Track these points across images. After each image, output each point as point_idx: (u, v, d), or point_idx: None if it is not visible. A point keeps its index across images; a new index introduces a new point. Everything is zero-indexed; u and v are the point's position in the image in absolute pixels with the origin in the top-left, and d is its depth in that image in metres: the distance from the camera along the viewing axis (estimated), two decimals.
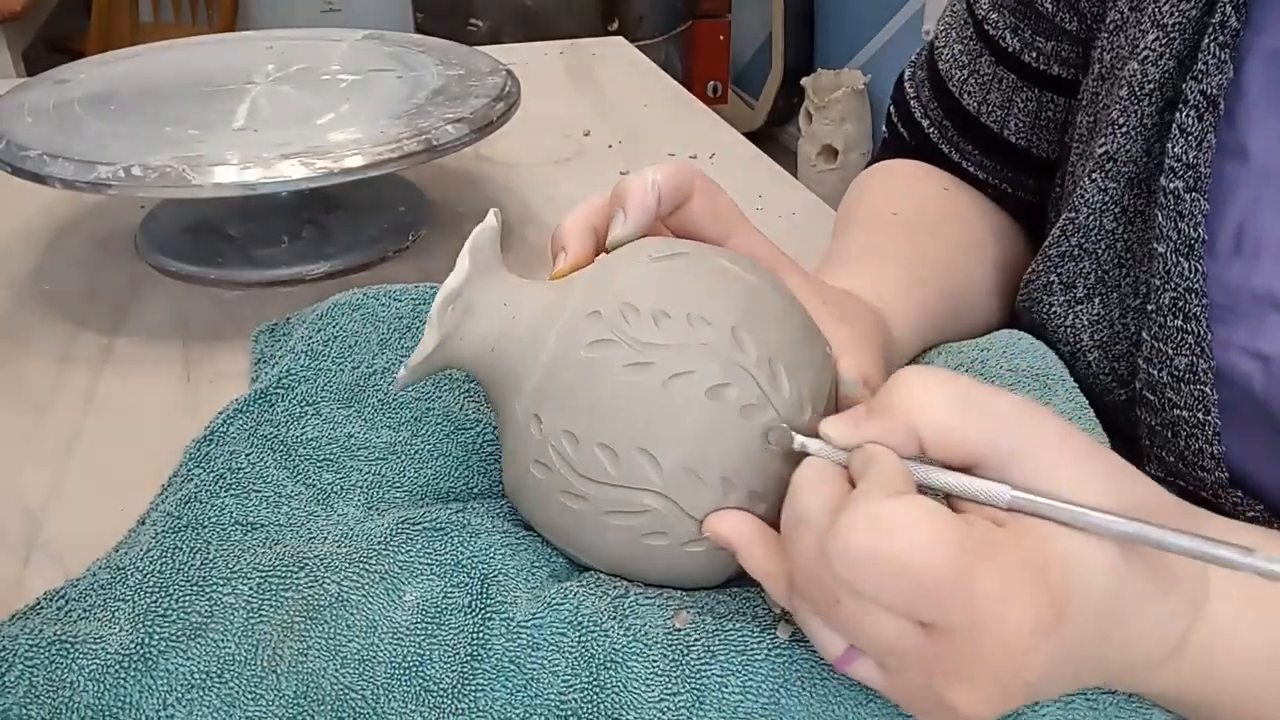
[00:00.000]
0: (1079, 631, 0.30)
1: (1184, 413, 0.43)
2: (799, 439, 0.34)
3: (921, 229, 0.56)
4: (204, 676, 0.36)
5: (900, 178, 0.62)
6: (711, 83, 2.99)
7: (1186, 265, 0.42)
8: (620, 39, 1.20)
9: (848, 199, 0.63)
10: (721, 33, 2.96)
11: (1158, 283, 0.43)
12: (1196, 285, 0.41)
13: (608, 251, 0.41)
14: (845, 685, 0.35)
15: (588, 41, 1.18)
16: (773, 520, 0.35)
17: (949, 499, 0.32)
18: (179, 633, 0.37)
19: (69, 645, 0.36)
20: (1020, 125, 0.56)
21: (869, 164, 0.67)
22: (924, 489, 0.31)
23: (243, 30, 1.59)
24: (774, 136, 3.13)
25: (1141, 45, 0.44)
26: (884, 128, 0.67)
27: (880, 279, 0.50)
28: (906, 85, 0.63)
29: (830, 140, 2.70)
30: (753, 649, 0.36)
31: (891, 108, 0.65)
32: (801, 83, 2.81)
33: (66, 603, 0.39)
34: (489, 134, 0.65)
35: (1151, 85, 0.44)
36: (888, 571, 0.28)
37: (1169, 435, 0.44)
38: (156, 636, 0.37)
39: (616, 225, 0.40)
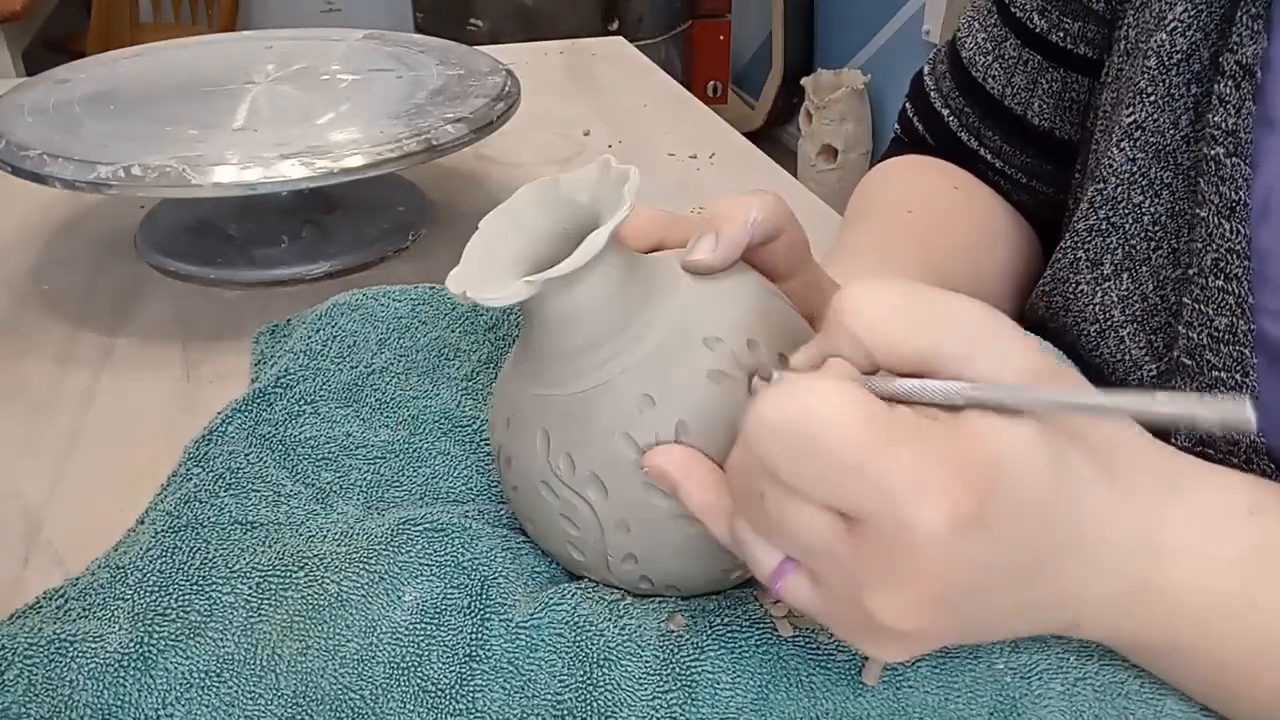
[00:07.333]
0: (1016, 538, 0.29)
1: (1223, 374, 0.43)
2: (773, 373, 0.34)
3: (932, 226, 0.57)
4: (203, 675, 0.36)
5: (912, 174, 0.63)
6: (711, 83, 3.00)
7: (1229, 227, 0.42)
8: (620, 39, 1.20)
9: (859, 194, 0.64)
10: (721, 33, 2.97)
11: (1199, 246, 0.43)
12: (1239, 247, 0.42)
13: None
14: (831, 680, 0.36)
15: (588, 41, 1.18)
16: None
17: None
18: (178, 632, 0.37)
19: (68, 644, 0.36)
20: (1044, 107, 0.58)
21: (874, 162, 0.68)
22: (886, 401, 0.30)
23: (243, 30, 1.60)
24: (774, 136, 3.14)
25: (1170, 17, 0.46)
26: (896, 124, 0.68)
27: (889, 275, 0.50)
28: (926, 79, 0.64)
29: (830, 140, 2.71)
30: (742, 646, 0.36)
31: (907, 103, 0.66)
32: (801, 83, 2.81)
33: (66, 602, 0.39)
34: (489, 134, 0.65)
35: (1179, 55, 0.45)
36: (796, 445, 0.28)
37: None
38: (156, 635, 0.37)
39: (703, 249, 0.37)
